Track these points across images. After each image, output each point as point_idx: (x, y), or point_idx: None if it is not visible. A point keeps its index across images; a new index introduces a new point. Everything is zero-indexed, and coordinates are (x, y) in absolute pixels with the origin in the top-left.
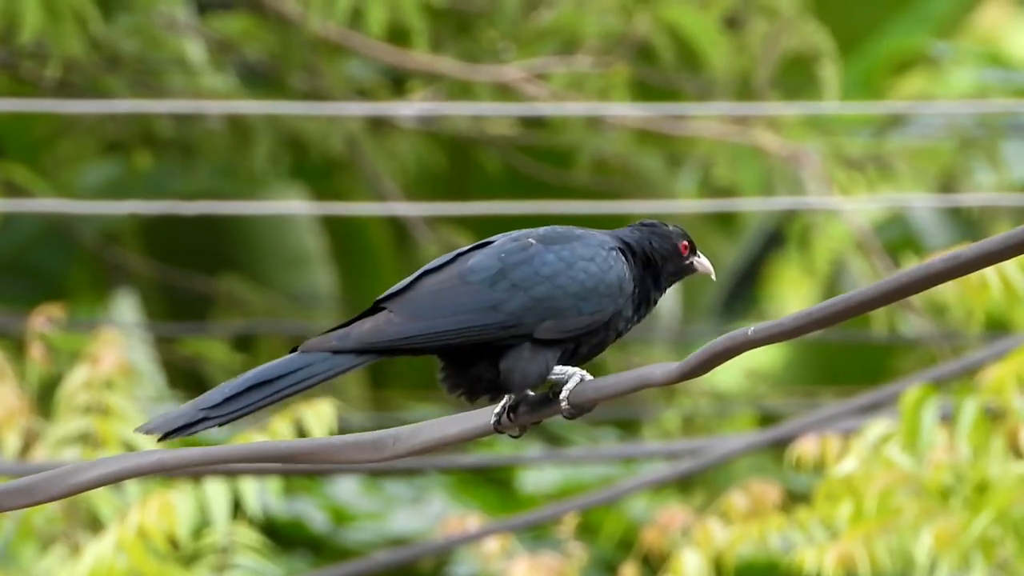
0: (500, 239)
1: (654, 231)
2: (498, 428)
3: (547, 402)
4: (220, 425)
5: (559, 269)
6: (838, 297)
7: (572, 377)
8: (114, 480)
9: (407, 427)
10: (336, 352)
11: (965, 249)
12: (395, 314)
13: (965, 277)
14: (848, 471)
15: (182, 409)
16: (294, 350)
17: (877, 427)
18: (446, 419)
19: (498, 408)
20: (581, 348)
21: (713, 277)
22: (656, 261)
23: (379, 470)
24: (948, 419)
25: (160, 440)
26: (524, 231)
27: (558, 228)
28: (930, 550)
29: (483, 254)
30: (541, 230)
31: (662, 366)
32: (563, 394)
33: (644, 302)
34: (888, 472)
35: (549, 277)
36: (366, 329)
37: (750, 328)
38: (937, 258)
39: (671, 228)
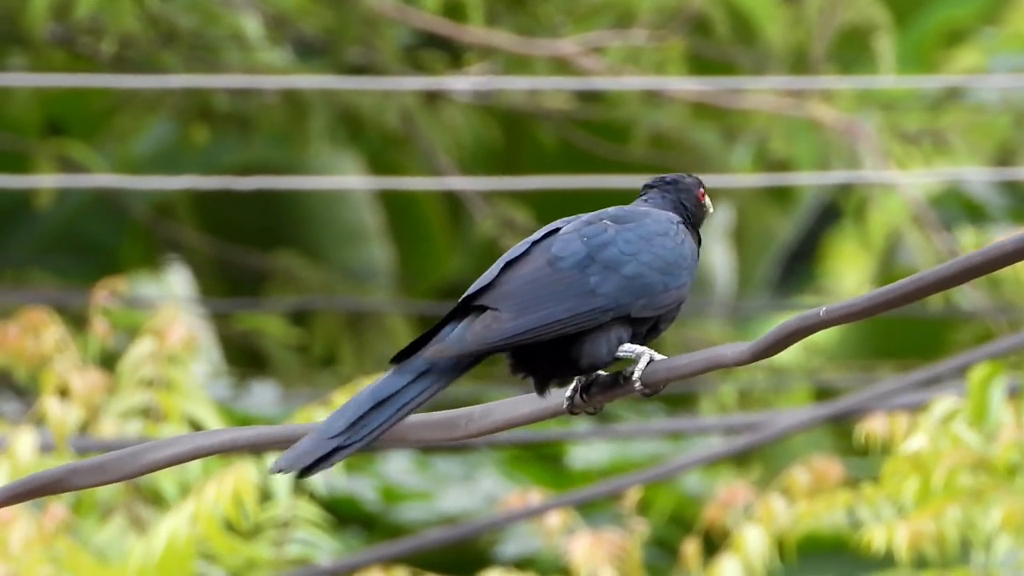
0: (571, 223)
1: (679, 188)
2: (572, 409)
3: (619, 383)
4: (358, 449)
5: (640, 247)
6: (911, 277)
7: (642, 356)
8: (188, 459)
9: (479, 407)
10: (452, 359)
11: None
12: (501, 311)
13: None
14: (915, 448)
15: (305, 444)
16: (394, 360)
17: (943, 403)
18: (518, 399)
19: (569, 390)
20: (661, 324)
21: (711, 210)
22: (692, 219)
23: (435, 446)
24: (1012, 395)
25: (298, 478)
26: (591, 214)
27: (624, 208)
28: (996, 528)
29: (564, 239)
30: (611, 210)
31: (733, 346)
32: (636, 374)
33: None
34: (956, 449)
35: (634, 255)
36: (478, 331)
37: (822, 308)
38: (1009, 238)
39: (689, 179)
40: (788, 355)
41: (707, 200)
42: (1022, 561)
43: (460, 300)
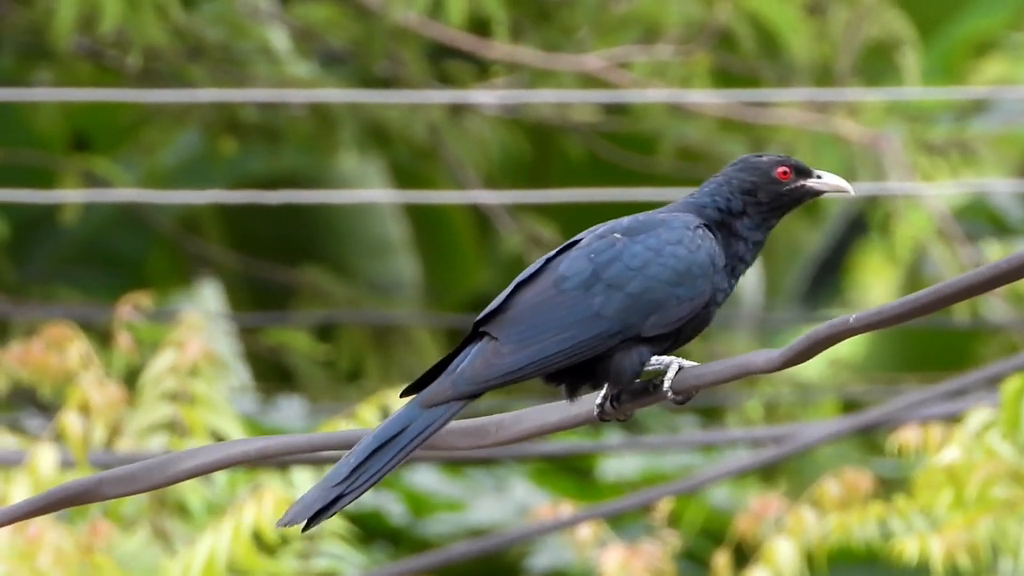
0: (586, 237)
1: (741, 167)
2: (602, 416)
3: (649, 390)
4: (356, 497)
5: (648, 259)
6: (939, 284)
7: (671, 366)
8: (217, 468)
9: (509, 414)
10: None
11: None
12: (501, 342)
13: None
14: (949, 460)
15: (313, 493)
16: (406, 393)
17: (978, 415)
18: (548, 406)
19: (599, 397)
20: (684, 331)
21: (851, 192)
22: (738, 208)
23: (458, 458)
24: None
25: (304, 530)
26: (608, 225)
27: (639, 216)
28: None
29: (572, 257)
30: (624, 221)
31: (763, 353)
32: (666, 383)
33: (740, 261)
34: (989, 461)
35: (640, 269)
36: (478, 367)
37: (852, 316)
38: None
39: (764, 157)
40: (814, 369)
41: (812, 181)
42: None
43: (473, 324)
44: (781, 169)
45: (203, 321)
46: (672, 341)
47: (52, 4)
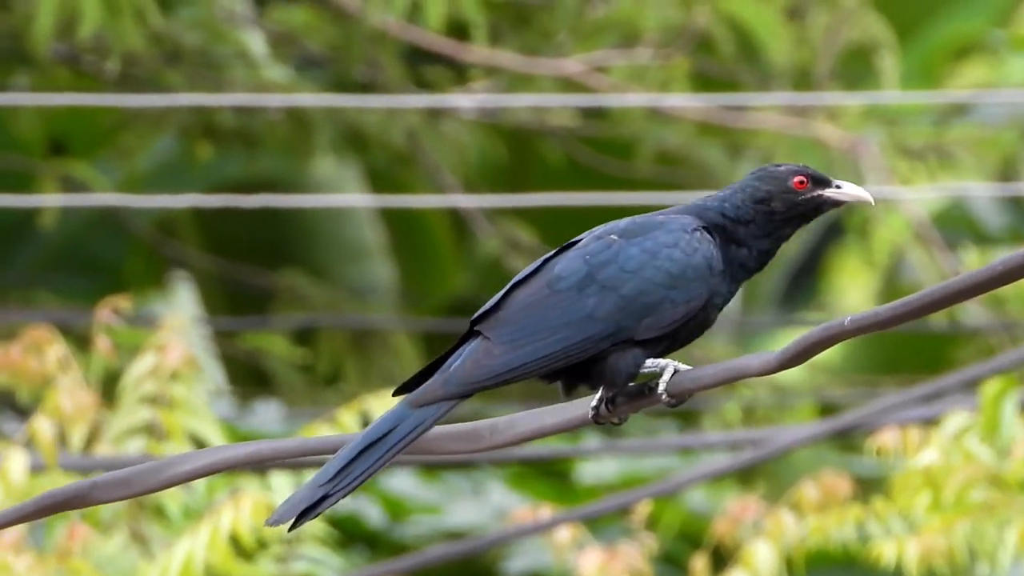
0: (585, 238)
1: (758, 175)
2: (597, 419)
3: (644, 393)
4: (344, 496)
5: (644, 261)
6: (934, 287)
7: (667, 369)
8: (211, 472)
9: (503, 418)
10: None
11: None
12: (493, 342)
13: None
14: (927, 463)
15: (302, 492)
16: (398, 392)
17: (955, 419)
18: (543, 410)
19: (594, 400)
20: (680, 334)
21: (870, 201)
22: (746, 215)
23: (435, 462)
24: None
25: (290, 530)
26: (607, 226)
27: (637, 219)
28: (1009, 545)
29: (568, 258)
30: (622, 223)
31: (759, 356)
32: (661, 386)
33: (742, 267)
34: (967, 464)
35: (635, 271)
36: (468, 368)
37: (847, 318)
38: None
39: (782, 167)
40: (792, 372)
41: (832, 191)
42: None
43: (470, 322)
44: (798, 179)
45: (185, 324)
46: (667, 344)
47: (31, 9)
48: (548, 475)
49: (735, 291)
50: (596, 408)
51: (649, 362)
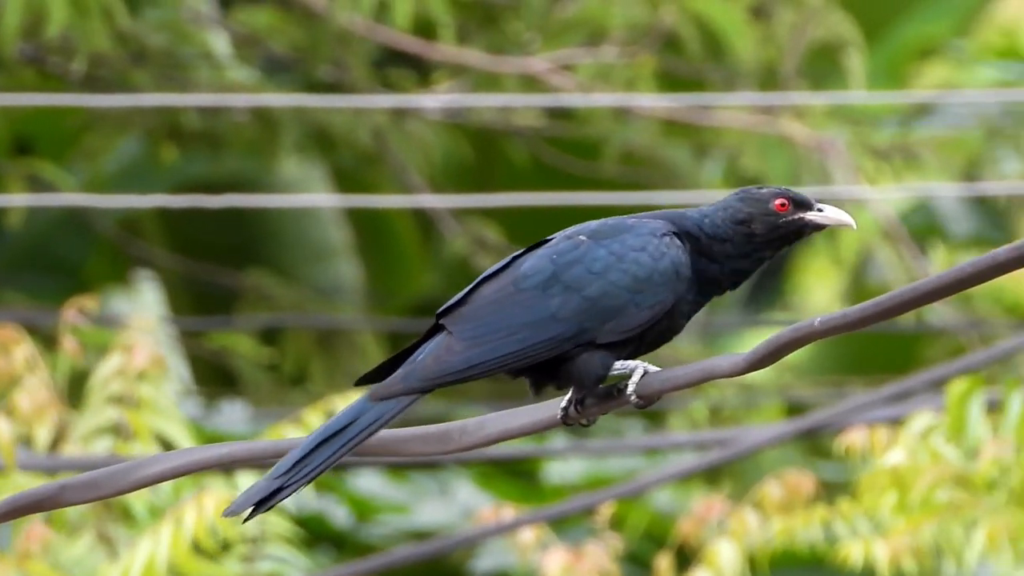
0: (556, 237)
1: (740, 196)
2: (566, 420)
3: (613, 395)
4: (299, 488)
5: (610, 264)
6: (904, 288)
7: (636, 370)
8: (181, 474)
9: (473, 420)
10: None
11: None
12: (455, 337)
13: None
14: (894, 463)
15: (259, 484)
16: (361, 383)
17: (922, 418)
18: (512, 411)
19: (564, 401)
20: (645, 339)
21: (852, 226)
22: (724, 234)
23: (402, 463)
24: (990, 410)
25: (244, 521)
26: (577, 227)
27: (609, 221)
28: (978, 545)
29: (536, 256)
30: (593, 224)
31: (728, 357)
32: (630, 388)
33: (713, 282)
34: (934, 464)
35: (601, 273)
36: (429, 364)
37: (816, 319)
38: (1003, 248)
39: (764, 189)
40: (759, 372)
41: (813, 214)
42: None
43: (436, 314)
44: (779, 201)
45: (152, 324)
46: (633, 349)
47: None
48: (515, 475)
49: (704, 303)
50: (565, 409)
51: (618, 364)
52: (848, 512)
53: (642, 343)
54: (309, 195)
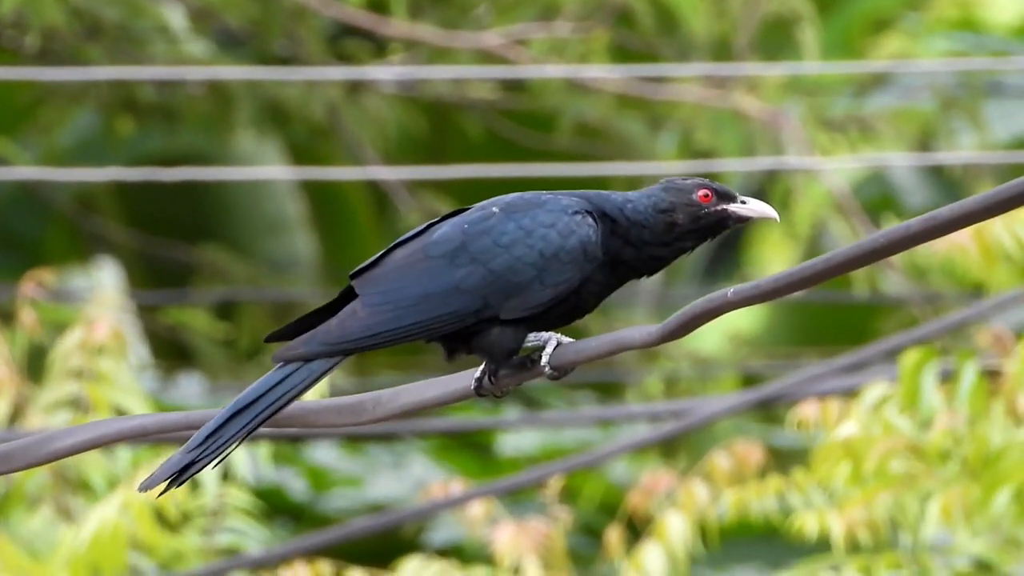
0: (473, 208)
1: (664, 186)
2: (479, 392)
3: (527, 366)
4: (211, 462)
5: (518, 238)
6: (816, 259)
7: (549, 342)
8: (95, 445)
9: (387, 391)
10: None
11: (943, 209)
12: (360, 303)
13: (948, 237)
14: (847, 434)
15: (172, 458)
16: (271, 339)
17: (875, 389)
18: (426, 382)
19: (478, 372)
20: (550, 316)
21: (775, 218)
22: (644, 220)
23: (357, 434)
24: (943, 380)
25: (159, 496)
26: (492, 200)
27: (525, 195)
28: (931, 516)
29: (450, 224)
30: (508, 197)
31: (641, 328)
32: (544, 359)
33: (627, 265)
34: (887, 435)
35: (507, 247)
36: (333, 328)
37: (729, 290)
38: (916, 219)
39: (688, 181)
40: (713, 343)
41: (737, 206)
42: (953, 546)
43: (349, 275)
44: (702, 192)
45: (114, 299)
46: (540, 326)
47: None
48: (469, 447)
49: (617, 285)
50: (479, 380)
51: (531, 336)
52: (802, 483)
53: (547, 321)
54: (264, 168)
